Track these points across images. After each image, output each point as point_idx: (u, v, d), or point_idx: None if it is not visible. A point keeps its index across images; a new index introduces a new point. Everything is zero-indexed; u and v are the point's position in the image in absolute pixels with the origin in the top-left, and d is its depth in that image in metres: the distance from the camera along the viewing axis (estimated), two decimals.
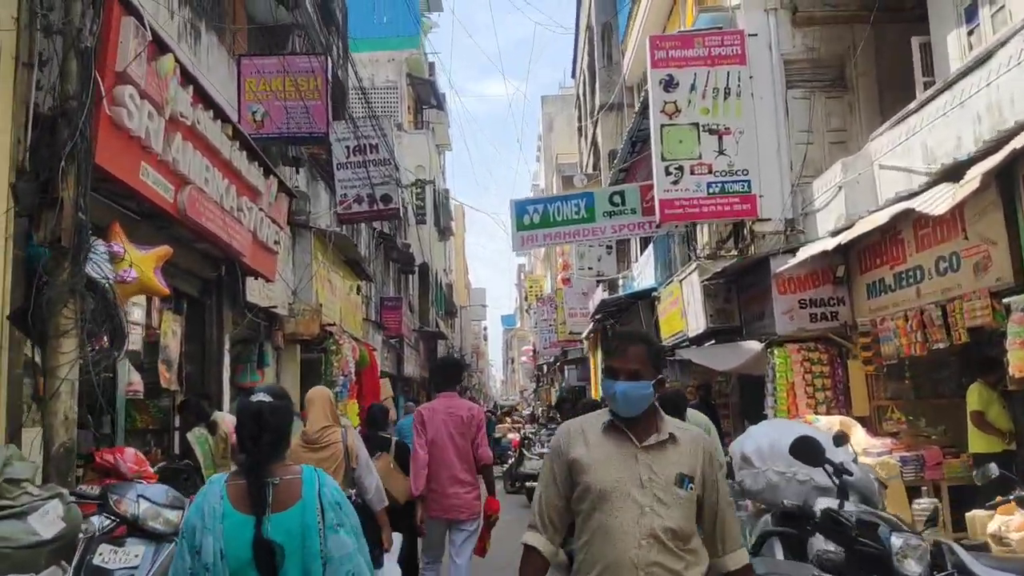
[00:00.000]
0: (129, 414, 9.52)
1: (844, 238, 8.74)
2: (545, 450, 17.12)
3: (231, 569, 2.59)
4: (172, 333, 8.88)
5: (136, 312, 8.11)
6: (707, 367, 11.17)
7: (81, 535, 4.16)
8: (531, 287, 51.38)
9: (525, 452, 17.47)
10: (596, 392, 20.74)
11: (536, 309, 46.77)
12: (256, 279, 9.94)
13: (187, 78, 6.44)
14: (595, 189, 15.92)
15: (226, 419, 8.51)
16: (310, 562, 2.61)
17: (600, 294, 19.05)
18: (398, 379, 22.26)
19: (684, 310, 12.94)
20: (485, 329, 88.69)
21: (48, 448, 4.43)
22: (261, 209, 8.63)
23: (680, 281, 12.97)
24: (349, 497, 3.68)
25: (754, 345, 10.36)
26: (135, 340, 8.10)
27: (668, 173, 11.89)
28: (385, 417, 8.67)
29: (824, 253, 9.89)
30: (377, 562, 4.48)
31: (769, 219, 11.91)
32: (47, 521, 4.03)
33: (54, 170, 4.54)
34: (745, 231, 12.30)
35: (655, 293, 15.13)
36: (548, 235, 13.10)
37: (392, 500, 5.81)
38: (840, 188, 10.33)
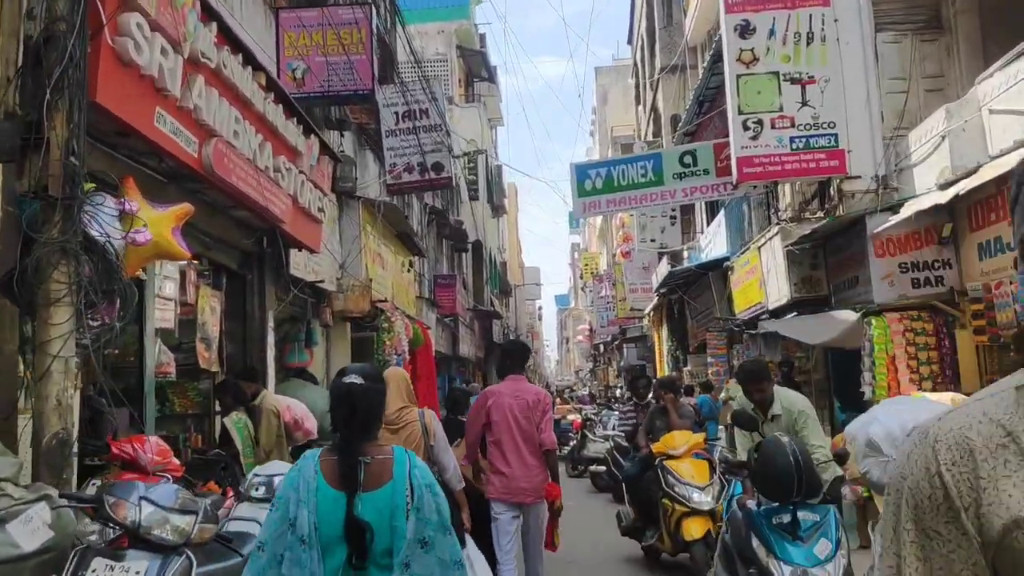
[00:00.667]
0: (167, 398, 8.89)
1: (962, 187, 7.62)
2: (610, 432, 16.23)
3: (322, 542, 2.61)
4: (211, 309, 8.17)
5: (168, 287, 7.40)
6: (790, 341, 10.11)
7: (75, 545, 3.40)
8: (586, 265, 50.26)
9: (588, 434, 16.59)
10: (661, 371, 19.73)
11: (592, 287, 45.73)
12: (300, 251, 9.18)
13: (210, 14, 5.64)
14: (663, 150, 14.84)
15: (277, 400, 7.80)
16: (397, 541, 2.62)
17: (664, 267, 18.01)
18: (453, 359, 21.54)
19: (763, 279, 11.87)
20: (540, 309, 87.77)
21: (38, 439, 3.66)
22: (301, 172, 7.84)
23: (759, 248, 11.90)
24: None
25: (848, 315, 9.28)
26: (167, 317, 7.42)
27: (746, 128, 10.82)
28: (467, 400, 8.04)
29: (928, 211, 8.78)
30: (460, 542, 4.07)
31: (859, 176, 10.80)
32: (30, 529, 3.28)
33: (39, 105, 3.74)
34: (832, 191, 11.17)
35: (727, 263, 14.06)
36: (612, 201, 12.12)
37: (470, 489, 5.73)
38: (943, 138, 9.17)
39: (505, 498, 5.79)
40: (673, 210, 19.83)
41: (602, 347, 51.03)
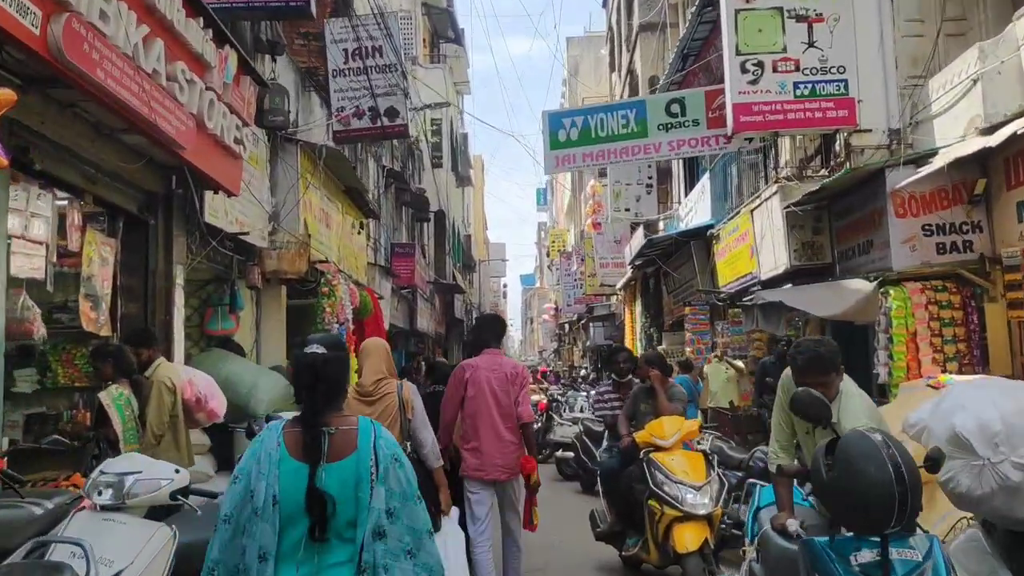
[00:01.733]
0: (49, 367, 7.35)
1: (1020, 127, 6.30)
2: (579, 414, 14.87)
3: (283, 514, 2.58)
4: (100, 260, 6.64)
5: (38, 227, 5.83)
6: (792, 314, 8.78)
7: None
8: (553, 242, 48.94)
9: (554, 416, 15.26)
10: (633, 349, 18.43)
11: (559, 265, 44.41)
12: (217, 194, 7.65)
13: None
14: (648, 97, 13.40)
15: (174, 371, 6.28)
16: (361, 513, 2.60)
17: (640, 237, 16.67)
18: (410, 334, 20.06)
19: (755, 246, 10.54)
20: (505, 287, 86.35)
21: None
22: (211, 89, 6.29)
23: (751, 211, 10.56)
24: (404, 450, 3.68)
25: (861, 285, 7.98)
26: (36, 265, 5.86)
27: (744, 71, 9.44)
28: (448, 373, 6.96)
29: (956, 164, 7.49)
30: (435, 525, 3.95)
31: (870, 130, 9.47)
32: None
33: None
34: (837, 146, 9.86)
35: (712, 231, 12.74)
36: (588, 154, 10.68)
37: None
38: (975, 81, 7.85)
39: (478, 475, 5.61)
40: (649, 178, 18.51)
41: (567, 326, 49.82)
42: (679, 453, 6.14)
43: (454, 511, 5.25)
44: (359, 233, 13.50)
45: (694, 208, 14.16)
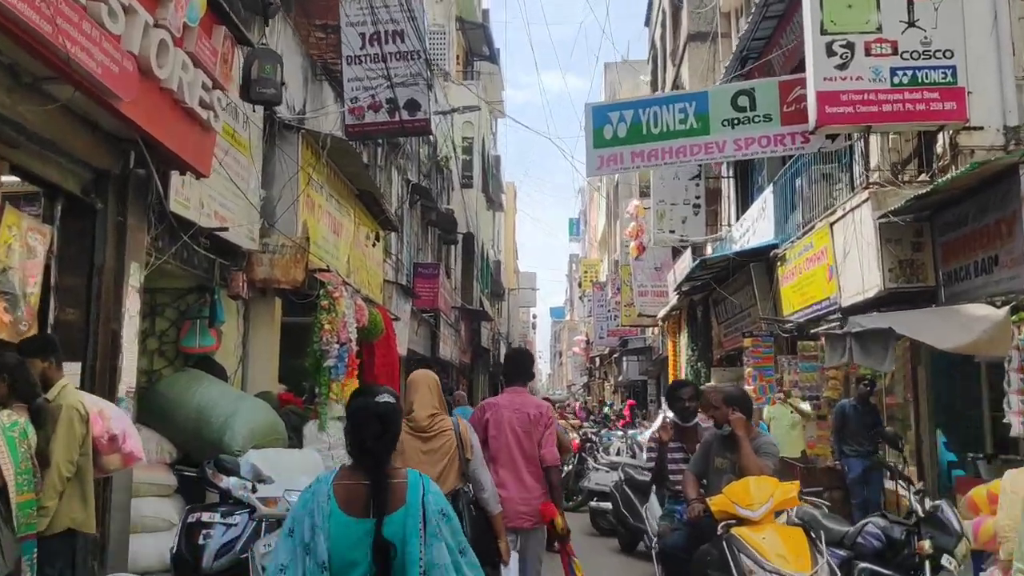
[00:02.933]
0: None
1: None
2: (616, 458, 13.14)
3: (335, 570, 2.54)
4: (24, 249, 5.19)
5: None
6: (893, 345, 7.06)
7: None
8: (586, 272, 47.26)
9: (588, 459, 13.56)
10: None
11: (591, 296, 42.72)
12: (184, 175, 6.19)
13: None
14: (711, 88, 11.80)
15: (82, 399, 4.75)
16: (409, 568, 2.54)
17: (687, 262, 15.02)
18: (432, 361, 18.49)
19: (834, 267, 8.89)
20: (535, 317, 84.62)
21: None
22: (163, 26, 4.84)
23: (831, 224, 8.92)
24: (465, 491, 4.33)
25: (987, 311, 6.29)
26: None
27: (831, 53, 7.89)
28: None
29: None
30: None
31: (982, 127, 7.86)
32: None
33: None
34: (940, 146, 8.22)
35: (776, 252, 11.09)
36: (638, 153, 9.13)
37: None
38: None
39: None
40: (697, 198, 16.89)
41: (598, 360, 47.98)
42: (772, 528, 4.49)
43: (513, 559, 4.86)
44: (374, 246, 12.02)
45: (752, 228, 12.52)
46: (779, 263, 11.09)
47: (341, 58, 10.12)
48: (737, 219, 16.15)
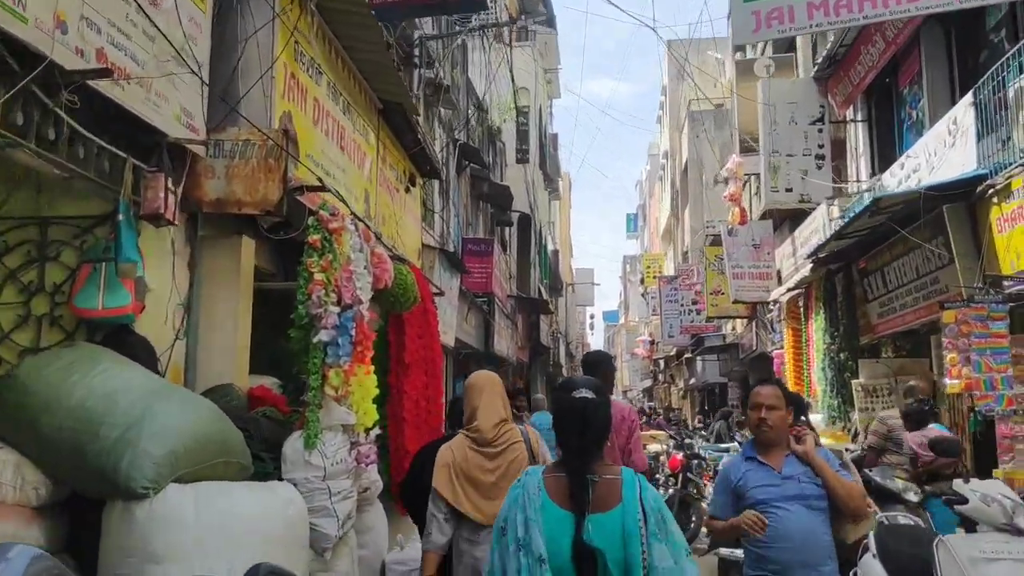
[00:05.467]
0: None
1: None
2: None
3: (551, 567, 2.38)
4: None
5: None
6: None
7: None
8: (648, 267, 43.51)
9: (697, 481, 10.15)
10: (799, 386, 13.08)
11: (655, 293, 39.04)
12: None
13: None
14: None
15: None
16: (633, 571, 2.40)
17: (821, 219, 11.42)
18: (484, 356, 15.18)
19: None
20: (592, 317, 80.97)
21: None
22: None
23: None
24: None
25: None
26: None
27: None
28: None
29: None
30: None
31: None
32: None
33: None
34: None
35: (993, 183, 7.56)
36: (814, 4, 5.71)
37: None
38: None
39: None
40: (820, 146, 13.34)
41: (662, 363, 44.23)
42: None
43: None
44: (408, 191, 8.75)
45: (927, 164, 8.95)
46: (994, 200, 7.55)
47: None
48: (873, 173, 12.57)
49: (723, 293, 19.80)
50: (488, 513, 3.67)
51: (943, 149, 8.80)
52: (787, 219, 16.72)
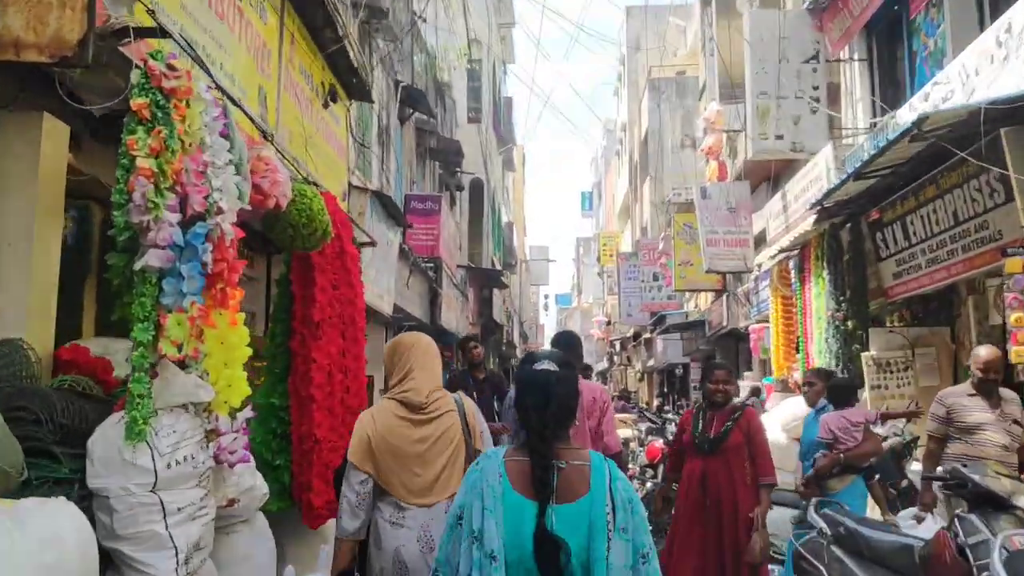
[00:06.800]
0: None
1: None
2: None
3: (509, 560, 2.18)
4: None
5: None
6: None
7: None
8: (605, 244, 41.96)
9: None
10: (782, 365, 11.45)
11: (612, 270, 37.51)
12: None
13: None
14: None
15: None
16: (595, 568, 2.17)
17: (824, 163, 9.75)
18: (430, 330, 13.35)
19: None
20: (546, 297, 79.48)
21: None
22: None
23: None
24: None
25: None
26: None
27: None
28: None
29: None
30: None
31: None
32: None
33: None
34: None
35: None
36: None
37: None
38: None
39: None
40: (816, 88, 11.71)
41: (618, 344, 42.81)
42: None
43: None
44: (326, 106, 6.86)
45: (973, 83, 7.33)
46: None
47: None
48: (875, 114, 10.99)
49: (692, 264, 18.20)
50: (415, 489, 3.26)
51: (988, 67, 7.16)
52: (766, 180, 15.16)
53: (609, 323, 41.62)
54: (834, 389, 6.50)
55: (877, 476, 6.16)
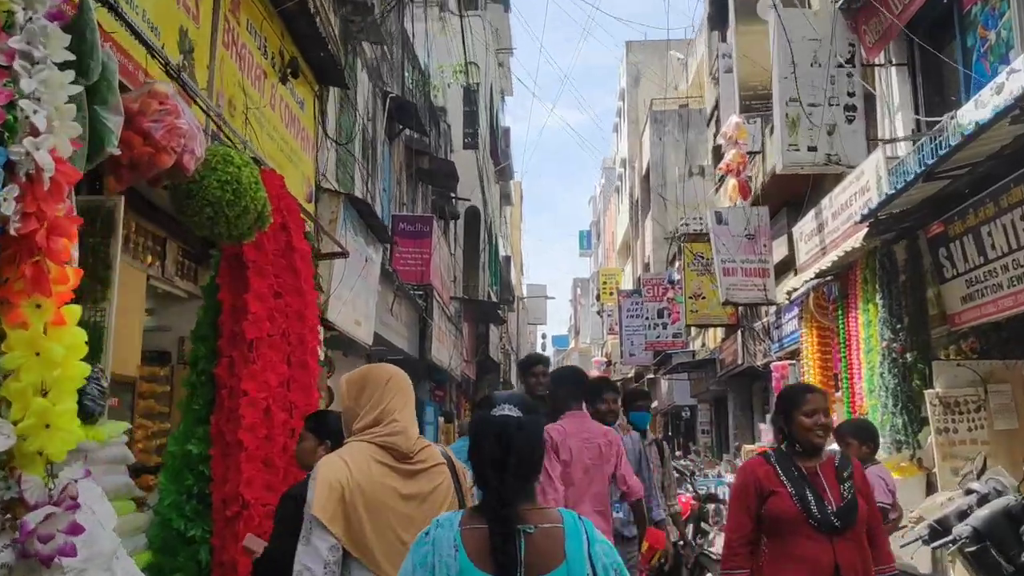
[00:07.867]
0: None
1: None
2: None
3: None
4: None
5: None
6: None
7: None
8: (605, 282, 40.62)
9: (708, 532, 7.15)
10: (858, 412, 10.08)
11: (613, 309, 36.15)
12: None
13: None
14: None
15: None
16: None
17: (872, 172, 8.40)
18: (419, 365, 11.95)
19: None
20: (544, 337, 78.13)
21: None
22: None
23: None
24: None
25: None
26: None
27: None
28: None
29: None
30: None
31: None
32: None
33: None
34: None
35: None
36: None
37: None
38: None
39: None
40: (851, 95, 10.49)
41: (620, 384, 41.30)
42: None
43: None
44: (284, 81, 5.58)
45: None
46: None
47: None
48: (917, 129, 9.75)
49: (704, 297, 16.87)
50: (398, 561, 2.27)
51: None
52: (785, 204, 13.94)
53: (609, 363, 40.12)
54: (864, 431, 5.29)
55: (987, 543, 4.77)
